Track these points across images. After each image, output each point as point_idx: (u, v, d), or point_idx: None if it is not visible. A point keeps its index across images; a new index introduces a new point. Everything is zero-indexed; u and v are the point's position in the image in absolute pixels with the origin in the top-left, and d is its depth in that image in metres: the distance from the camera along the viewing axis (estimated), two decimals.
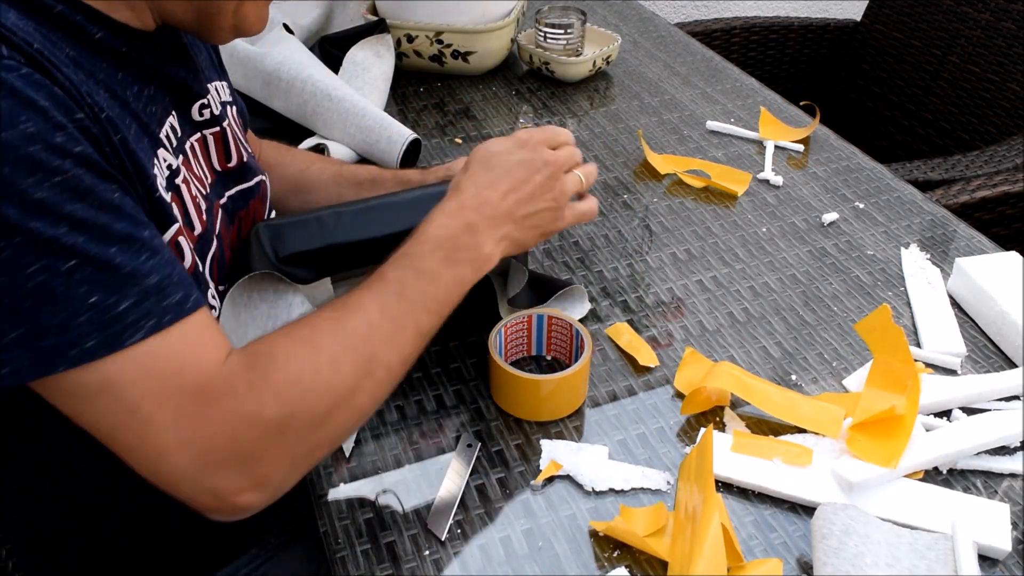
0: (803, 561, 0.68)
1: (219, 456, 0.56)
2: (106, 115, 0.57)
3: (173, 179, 0.67)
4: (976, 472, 0.75)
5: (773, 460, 0.74)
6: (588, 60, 1.36)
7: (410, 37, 1.35)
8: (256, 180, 0.83)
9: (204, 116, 0.75)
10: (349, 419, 0.63)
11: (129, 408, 0.54)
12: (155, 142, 0.65)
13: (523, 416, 0.80)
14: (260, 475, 0.58)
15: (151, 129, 0.65)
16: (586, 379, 0.81)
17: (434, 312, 0.67)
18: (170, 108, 0.70)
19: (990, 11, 1.61)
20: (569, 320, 0.81)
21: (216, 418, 0.56)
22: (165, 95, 0.70)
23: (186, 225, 0.67)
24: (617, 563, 0.68)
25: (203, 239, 0.70)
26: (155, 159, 0.64)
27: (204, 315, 0.58)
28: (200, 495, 0.57)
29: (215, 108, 0.77)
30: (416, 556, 0.69)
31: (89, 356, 0.53)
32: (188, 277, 0.58)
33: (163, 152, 0.66)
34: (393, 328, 0.64)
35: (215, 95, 0.79)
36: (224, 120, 0.78)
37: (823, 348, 0.88)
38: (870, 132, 1.82)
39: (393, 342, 0.64)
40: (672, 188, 1.13)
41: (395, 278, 0.66)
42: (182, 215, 0.67)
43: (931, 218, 1.07)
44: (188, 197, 0.68)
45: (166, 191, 0.64)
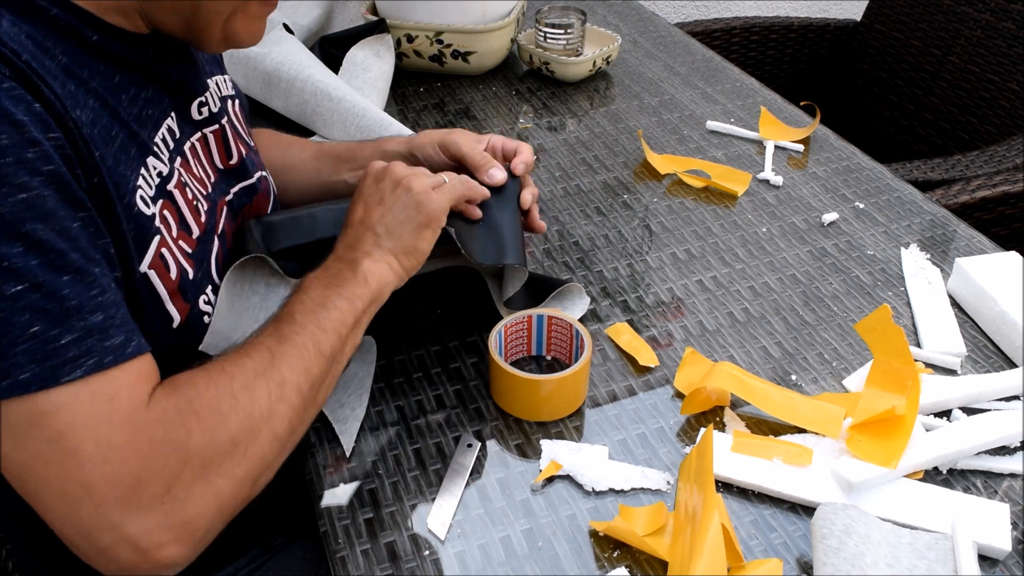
0: (803, 561, 0.68)
1: (146, 493, 0.54)
2: (88, 131, 0.56)
3: (164, 186, 0.66)
4: (976, 472, 0.75)
5: (773, 460, 0.74)
6: (588, 60, 1.36)
7: (410, 37, 1.35)
8: (258, 176, 0.83)
9: (203, 115, 0.75)
10: (269, 447, 0.62)
11: (53, 438, 0.52)
12: (144, 151, 0.65)
13: (523, 416, 0.80)
14: (184, 520, 0.56)
15: (141, 137, 0.65)
16: (586, 379, 0.81)
17: (331, 331, 0.67)
18: (169, 110, 0.70)
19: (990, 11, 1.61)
20: (569, 320, 0.81)
21: (144, 448, 0.54)
22: (164, 96, 0.69)
23: (182, 229, 0.67)
24: (617, 563, 0.68)
25: (203, 241, 0.70)
26: (142, 169, 0.64)
27: (144, 360, 0.58)
28: (120, 545, 0.54)
29: (213, 105, 0.77)
30: (416, 556, 0.69)
31: (22, 388, 0.51)
32: (131, 322, 0.57)
33: (153, 160, 0.66)
34: (295, 351, 0.64)
35: (215, 91, 0.79)
36: (223, 117, 0.78)
37: (823, 348, 0.88)
38: (870, 132, 1.82)
39: (298, 365, 0.64)
40: (672, 188, 1.13)
41: (285, 312, 0.68)
42: (176, 221, 0.66)
43: (931, 218, 1.07)
44: (183, 201, 0.68)
45: (153, 202, 0.64)
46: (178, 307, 0.65)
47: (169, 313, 0.65)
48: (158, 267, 0.63)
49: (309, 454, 0.77)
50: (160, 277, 0.63)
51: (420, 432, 0.79)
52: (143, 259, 0.62)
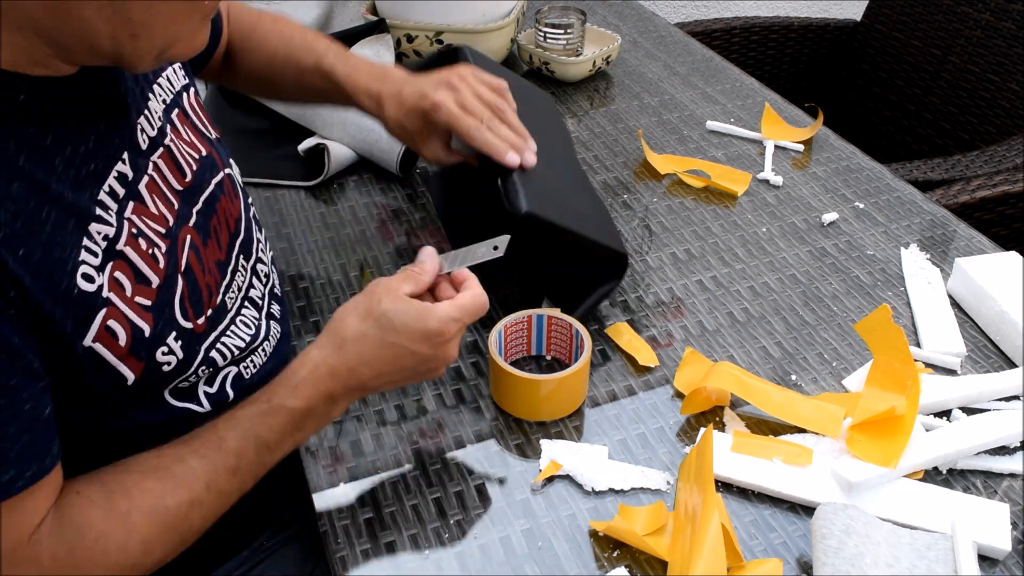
0: (803, 561, 0.68)
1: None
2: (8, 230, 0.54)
3: (113, 247, 0.62)
4: (976, 472, 0.75)
5: (773, 460, 0.74)
6: (588, 60, 1.36)
7: (410, 37, 1.35)
8: (217, 180, 0.77)
9: (146, 142, 0.69)
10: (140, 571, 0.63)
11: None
12: (85, 219, 0.60)
13: (523, 416, 0.80)
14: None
15: (79, 205, 0.60)
16: (586, 379, 0.81)
17: (262, 476, 0.68)
18: (120, 151, 0.65)
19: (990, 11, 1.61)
20: (569, 321, 0.81)
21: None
22: (113, 138, 0.64)
23: (139, 284, 0.64)
24: (617, 563, 0.68)
25: (164, 287, 0.66)
26: (85, 240, 0.60)
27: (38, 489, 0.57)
28: None
29: (151, 129, 0.70)
30: (416, 556, 0.69)
31: None
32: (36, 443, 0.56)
33: (96, 226, 0.61)
34: (218, 503, 0.64)
35: (155, 102, 0.72)
36: (165, 136, 0.71)
37: (823, 348, 0.88)
38: (870, 132, 1.82)
39: (212, 513, 0.64)
40: (672, 188, 1.13)
41: (234, 449, 0.65)
42: (132, 278, 0.63)
43: (931, 218, 1.07)
44: (137, 255, 0.64)
45: (100, 271, 0.61)
46: (131, 367, 0.63)
47: (122, 374, 0.63)
48: (104, 338, 0.60)
49: (309, 454, 0.77)
50: (107, 346, 0.61)
51: (420, 432, 0.79)
52: (86, 335, 0.59)
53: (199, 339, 0.70)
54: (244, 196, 0.83)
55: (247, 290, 0.80)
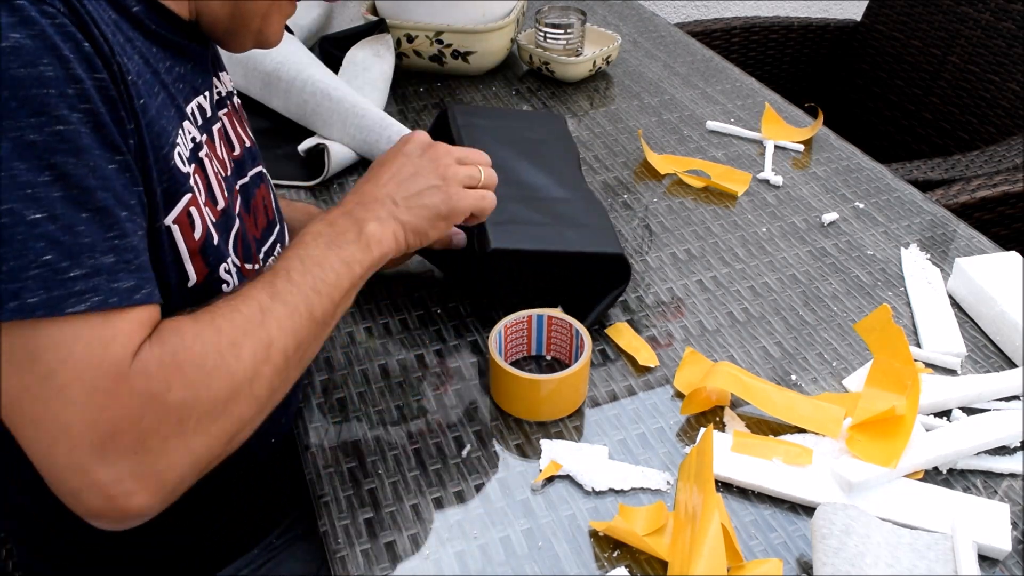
0: (803, 561, 0.68)
1: (119, 443, 0.54)
2: (132, 79, 0.57)
3: (197, 152, 0.67)
4: (976, 472, 0.75)
5: (773, 460, 0.74)
6: (588, 60, 1.36)
7: (410, 37, 1.35)
8: (255, 171, 0.82)
9: (214, 102, 0.76)
10: (248, 410, 0.61)
11: (45, 374, 0.53)
12: (182, 114, 0.66)
13: (523, 416, 0.80)
14: (156, 471, 0.56)
15: (178, 101, 0.66)
16: (586, 379, 0.81)
17: (325, 295, 0.66)
18: (199, 89, 0.71)
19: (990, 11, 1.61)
20: (569, 320, 0.81)
21: (124, 397, 0.54)
22: (195, 75, 0.70)
23: (209, 198, 0.68)
24: (617, 563, 0.68)
25: (226, 215, 0.70)
26: (180, 129, 0.65)
27: (148, 311, 0.57)
28: (88, 490, 0.54)
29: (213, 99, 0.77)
30: (416, 556, 0.69)
31: (27, 312, 0.52)
32: (149, 272, 0.58)
33: (188, 125, 0.67)
34: (286, 311, 0.63)
35: (219, 83, 0.79)
36: (223, 109, 0.78)
37: (823, 348, 0.88)
38: (870, 132, 1.82)
39: (287, 326, 0.63)
40: (672, 188, 1.13)
41: (283, 267, 0.66)
42: (205, 188, 0.67)
43: (931, 218, 1.07)
44: (211, 172, 0.69)
45: (188, 162, 0.65)
46: (196, 267, 0.65)
47: (186, 271, 0.65)
48: (183, 223, 0.63)
49: (309, 454, 0.77)
50: (183, 234, 0.64)
51: (420, 432, 0.79)
52: (169, 212, 0.62)
53: None
54: (276, 201, 0.87)
55: None
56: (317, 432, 0.79)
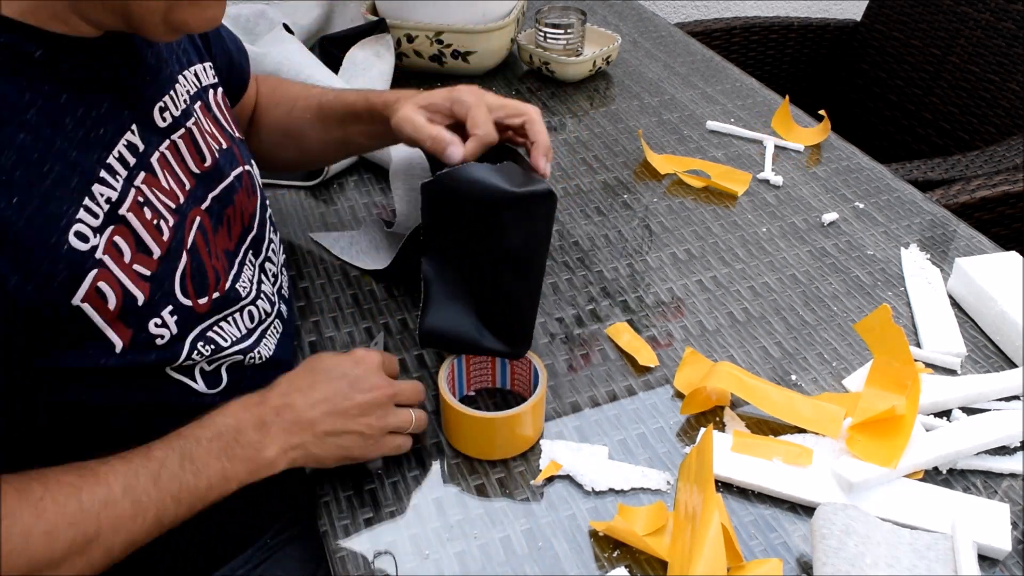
0: (803, 561, 0.68)
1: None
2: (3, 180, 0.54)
3: (116, 211, 0.63)
4: (976, 472, 0.75)
5: (773, 460, 0.74)
6: (588, 60, 1.36)
7: (410, 37, 1.35)
8: (236, 173, 0.79)
9: (167, 120, 0.71)
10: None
11: None
12: (88, 179, 0.61)
13: (473, 455, 0.76)
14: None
15: (84, 165, 0.61)
16: (541, 415, 0.77)
17: (185, 504, 0.64)
18: (128, 122, 0.66)
19: (990, 11, 1.61)
20: (528, 356, 0.78)
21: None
22: (122, 108, 0.65)
23: (139, 252, 0.64)
24: (617, 563, 0.68)
25: (166, 259, 0.67)
26: (86, 200, 0.60)
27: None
28: None
29: (175, 108, 0.72)
30: (416, 556, 0.69)
31: None
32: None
33: (100, 188, 0.62)
34: (131, 512, 0.61)
35: (182, 88, 0.74)
36: (189, 118, 0.74)
37: (823, 348, 0.88)
38: (870, 132, 1.82)
39: (124, 527, 0.61)
40: (672, 188, 1.13)
41: (159, 457, 0.63)
42: (132, 245, 0.64)
43: (931, 218, 1.07)
44: (140, 223, 0.65)
45: (98, 232, 0.61)
46: (119, 333, 0.63)
47: (109, 339, 0.63)
48: (93, 299, 0.60)
49: None
50: (96, 308, 0.61)
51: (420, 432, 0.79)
52: (75, 293, 0.59)
53: (199, 318, 0.70)
54: (261, 195, 0.84)
55: (259, 285, 0.80)
56: None
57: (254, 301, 0.78)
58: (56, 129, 0.59)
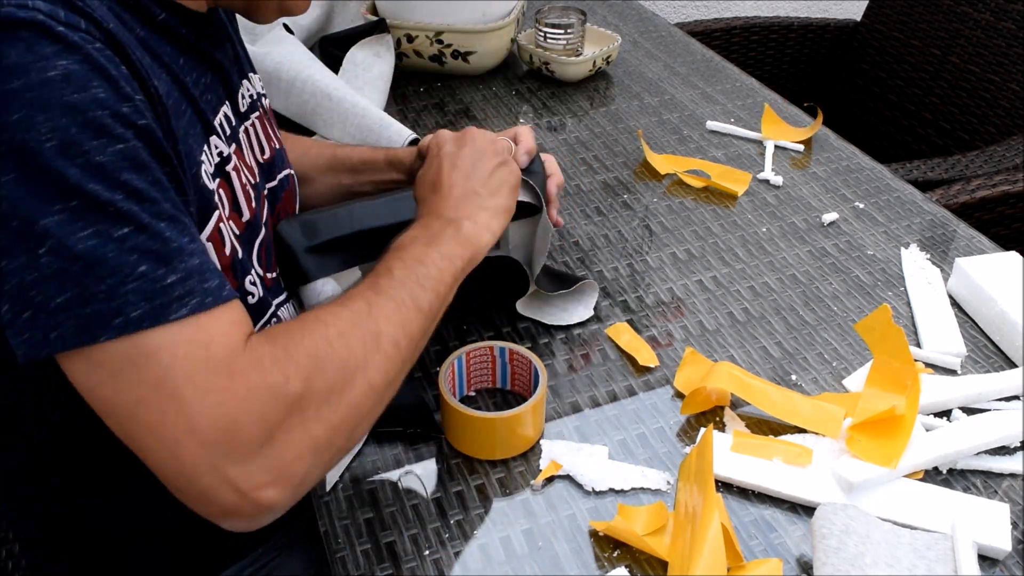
0: (803, 561, 0.68)
1: (245, 436, 0.54)
2: (166, 101, 0.58)
3: (223, 166, 0.68)
4: (976, 472, 0.75)
5: (773, 460, 0.74)
6: (588, 60, 1.36)
7: (410, 37, 1.35)
8: (285, 173, 0.84)
9: (245, 105, 0.77)
10: (363, 397, 0.60)
11: (156, 381, 0.52)
12: (208, 129, 0.67)
13: (474, 455, 0.77)
14: (284, 463, 0.55)
15: (206, 116, 0.67)
16: (541, 415, 0.78)
17: (430, 289, 0.67)
18: (224, 97, 0.72)
19: (990, 11, 1.61)
20: (528, 356, 0.79)
21: (242, 391, 0.54)
22: (219, 84, 0.72)
23: (234, 211, 0.69)
24: (617, 563, 0.68)
25: (251, 226, 0.71)
26: (206, 146, 0.66)
27: (237, 305, 0.58)
28: (220, 487, 0.54)
29: (246, 101, 0.78)
30: (416, 556, 0.69)
31: (133, 326, 0.52)
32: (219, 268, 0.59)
33: (215, 139, 0.68)
34: (393, 305, 0.64)
35: (247, 87, 0.80)
36: (255, 112, 0.80)
37: (823, 348, 0.88)
38: (870, 132, 1.82)
39: (395, 318, 0.63)
40: (672, 188, 1.13)
41: (384, 267, 0.67)
42: (230, 202, 0.68)
43: (931, 218, 1.07)
44: (238, 184, 0.70)
45: (213, 179, 0.65)
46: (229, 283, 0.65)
47: None
48: (215, 240, 0.64)
49: None
50: (216, 251, 0.64)
51: (420, 432, 0.79)
52: (203, 230, 0.63)
53: (270, 292, 0.74)
54: (298, 199, 0.88)
55: None
56: None
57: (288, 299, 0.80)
58: (186, 79, 0.65)
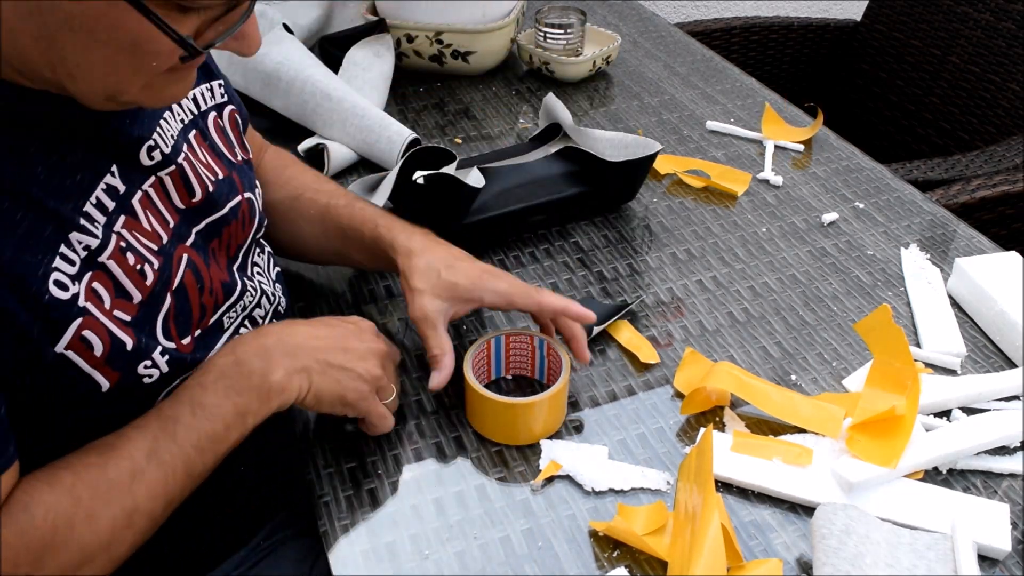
0: (803, 561, 0.68)
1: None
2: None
3: (95, 258, 0.61)
4: (976, 472, 0.75)
5: (773, 460, 0.74)
6: (588, 60, 1.36)
7: (410, 37, 1.35)
8: (231, 205, 0.76)
9: (155, 159, 0.68)
10: (104, 568, 0.60)
11: None
12: (64, 228, 0.59)
13: (507, 442, 0.77)
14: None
15: (62, 213, 0.59)
16: (561, 405, 0.78)
17: (209, 451, 0.64)
18: (107, 167, 0.64)
19: (990, 11, 1.61)
20: (529, 333, 0.79)
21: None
22: (100, 155, 0.63)
23: (120, 298, 0.63)
24: (617, 563, 0.68)
25: (148, 304, 0.65)
26: (62, 247, 0.59)
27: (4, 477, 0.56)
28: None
29: (165, 146, 0.69)
30: (416, 556, 0.69)
31: None
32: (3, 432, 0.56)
33: (78, 235, 0.60)
34: (160, 474, 0.61)
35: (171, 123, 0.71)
36: (179, 154, 0.71)
37: (823, 348, 0.88)
38: (870, 132, 1.82)
39: (158, 491, 0.61)
40: (672, 188, 1.13)
41: (171, 415, 0.64)
42: (112, 292, 0.62)
43: (931, 218, 1.07)
44: (120, 270, 0.63)
45: (76, 280, 0.60)
46: (106, 375, 0.62)
47: (96, 381, 0.62)
48: (77, 347, 0.60)
49: (309, 455, 0.77)
50: (80, 355, 0.60)
51: (420, 432, 0.79)
52: (59, 341, 0.59)
53: (185, 357, 0.69)
54: (260, 221, 0.81)
55: (252, 310, 0.78)
56: (317, 431, 0.79)
57: (239, 329, 0.76)
58: (28, 179, 0.57)
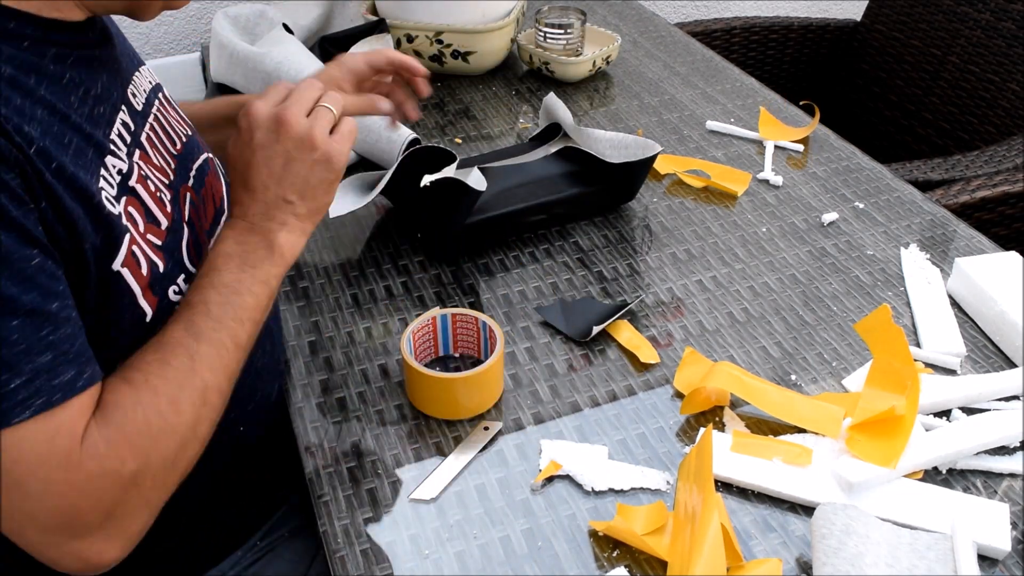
0: (803, 561, 0.68)
1: (84, 521, 0.58)
2: (41, 144, 0.56)
3: (126, 182, 0.66)
4: (976, 472, 0.75)
5: (773, 460, 0.74)
6: (588, 60, 1.36)
7: (410, 37, 1.35)
8: (204, 158, 0.81)
9: (140, 105, 0.73)
10: (196, 452, 0.65)
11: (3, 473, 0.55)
12: (101, 150, 0.63)
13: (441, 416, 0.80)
14: (121, 530, 0.60)
15: (96, 138, 0.63)
16: (501, 373, 0.82)
17: (247, 320, 0.68)
18: (120, 103, 0.68)
19: (990, 11, 1.61)
20: (474, 315, 0.82)
21: (80, 483, 0.57)
22: (113, 89, 0.68)
23: (150, 223, 0.67)
24: (617, 563, 0.68)
25: (173, 230, 0.70)
26: (103, 169, 0.63)
27: (90, 393, 0.59)
28: (63, 559, 0.59)
29: (141, 96, 0.74)
30: (416, 556, 0.69)
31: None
32: (87, 352, 0.58)
33: (111, 159, 0.64)
34: (214, 351, 0.65)
35: (141, 79, 0.76)
36: (153, 106, 0.75)
37: (823, 348, 0.88)
38: (870, 132, 1.82)
39: (217, 365, 0.65)
40: (672, 188, 1.13)
41: (199, 299, 0.67)
42: (142, 216, 0.66)
43: (931, 218, 1.07)
44: (147, 195, 0.68)
45: (118, 200, 0.63)
46: (149, 302, 0.66)
47: (142, 308, 0.65)
48: (130, 264, 0.63)
49: (309, 454, 0.77)
50: (132, 274, 0.64)
51: (420, 432, 0.79)
52: (115, 257, 0.62)
53: None
54: (225, 180, 0.85)
55: None
56: (317, 432, 0.79)
57: None
58: (67, 105, 0.61)
